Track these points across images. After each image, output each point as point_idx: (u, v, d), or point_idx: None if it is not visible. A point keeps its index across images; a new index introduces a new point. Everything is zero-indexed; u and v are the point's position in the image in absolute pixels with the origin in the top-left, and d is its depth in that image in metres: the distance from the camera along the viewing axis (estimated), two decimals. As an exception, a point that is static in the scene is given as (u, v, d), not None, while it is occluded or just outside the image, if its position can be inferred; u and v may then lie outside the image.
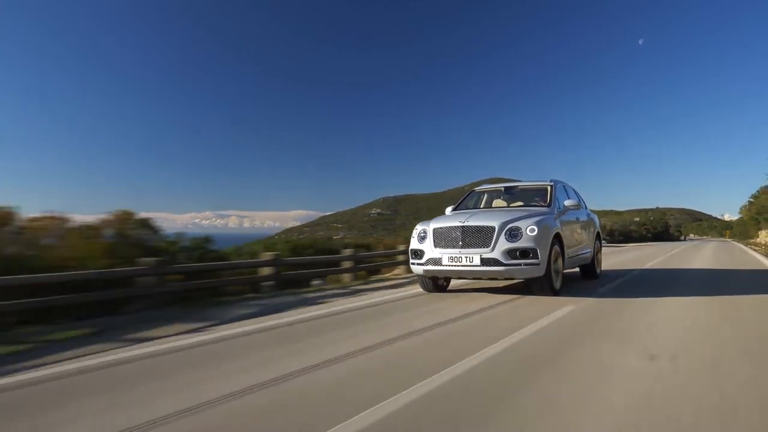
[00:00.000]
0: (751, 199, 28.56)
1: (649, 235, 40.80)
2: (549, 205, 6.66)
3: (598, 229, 8.61)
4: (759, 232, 24.68)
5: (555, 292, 5.82)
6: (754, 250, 20.76)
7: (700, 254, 16.48)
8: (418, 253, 6.10)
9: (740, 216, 33.94)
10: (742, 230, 32.21)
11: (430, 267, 5.93)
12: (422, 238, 6.13)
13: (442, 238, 5.90)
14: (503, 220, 5.67)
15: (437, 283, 6.54)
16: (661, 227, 45.10)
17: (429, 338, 3.69)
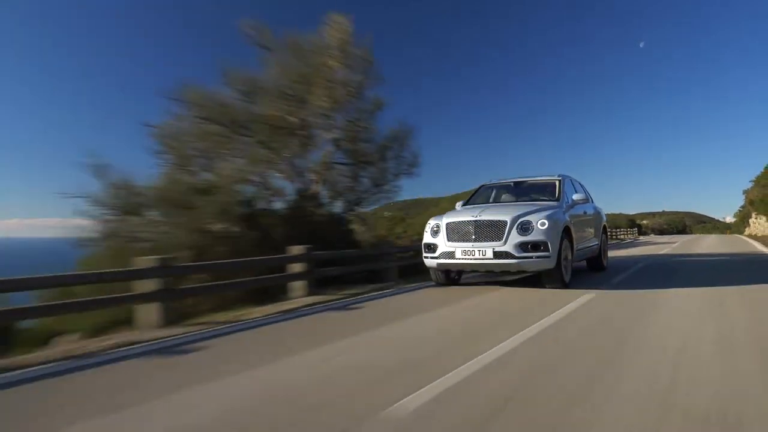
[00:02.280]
0: (741, 209, 46.79)
1: (674, 231, 65.95)
2: (558, 200, 6.82)
3: (605, 222, 8.78)
4: (746, 228, 41.17)
5: (565, 285, 6.00)
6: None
7: (710, 236, 30.27)
8: (431, 247, 6.27)
9: (735, 219, 54.17)
10: (736, 229, 48.88)
11: (443, 260, 6.11)
12: (435, 233, 6.30)
13: (455, 233, 6.07)
14: (515, 215, 5.84)
15: (449, 276, 6.72)
16: (681, 227, 74.39)
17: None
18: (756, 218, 36.36)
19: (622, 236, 33.42)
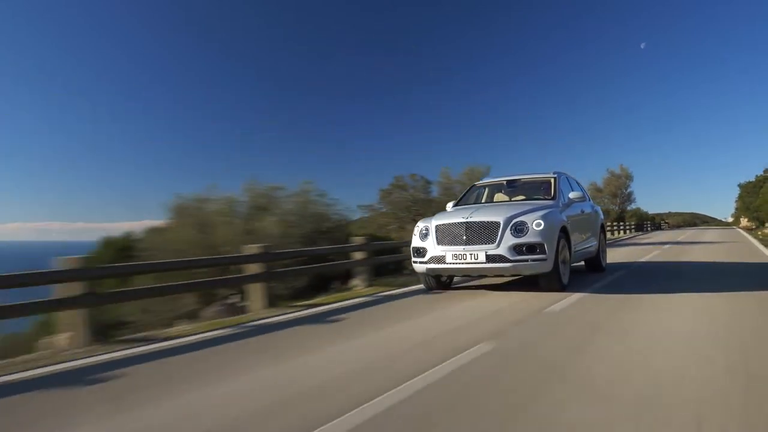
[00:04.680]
0: (735, 211, 60.12)
1: (689, 226, 71.20)
2: (554, 198, 6.47)
3: (602, 220, 8.44)
4: (739, 225, 54.37)
5: (563, 287, 5.64)
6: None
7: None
8: (420, 251, 5.90)
9: (733, 219, 67.81)
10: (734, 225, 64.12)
11: (433, 265, 5.73)
12: (424, 236, 5.93)
13: (445, 235, 5.70)
14: (508, 215, 5.48)
15: (440, 280, 6.34)
16: (692, 223, 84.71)
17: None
18: (743, 218, 54.58)
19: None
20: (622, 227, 31.34)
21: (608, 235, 26.04)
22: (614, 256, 10.78)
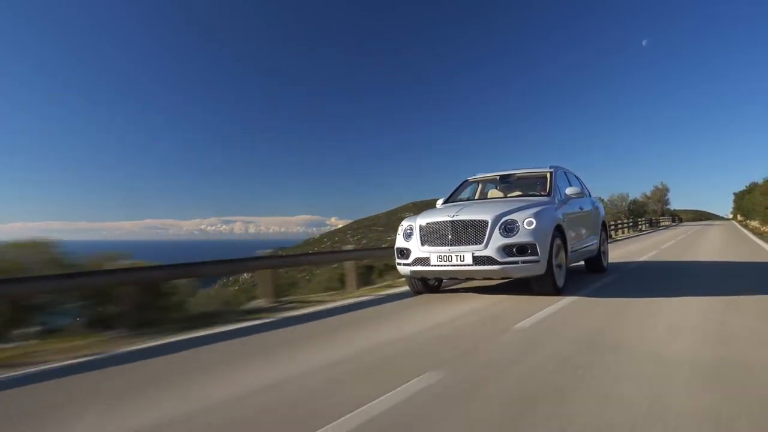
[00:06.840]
0: (733, 209, 65.35)
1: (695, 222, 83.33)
2: (549, 194, 6.03)
3: (604, 218, 7.97)
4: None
5: (558, 291, 5.21)
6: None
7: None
8: (404, 252, 5.49)
9: (732, 216, 72.78)
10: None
11: (417, 267, 5.33)
12: (408, 235, 5.53)
13: (429, 235, 5.29)
14: (497, 213, 5.06)
15: (427, 283, 5.94)
16: (699, 219, 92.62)
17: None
18: (738, 215, 61.55)
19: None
20: (663, 220, 47.16)
21: (663, 223, 40.99)
22: (679, 230, 24.96)
